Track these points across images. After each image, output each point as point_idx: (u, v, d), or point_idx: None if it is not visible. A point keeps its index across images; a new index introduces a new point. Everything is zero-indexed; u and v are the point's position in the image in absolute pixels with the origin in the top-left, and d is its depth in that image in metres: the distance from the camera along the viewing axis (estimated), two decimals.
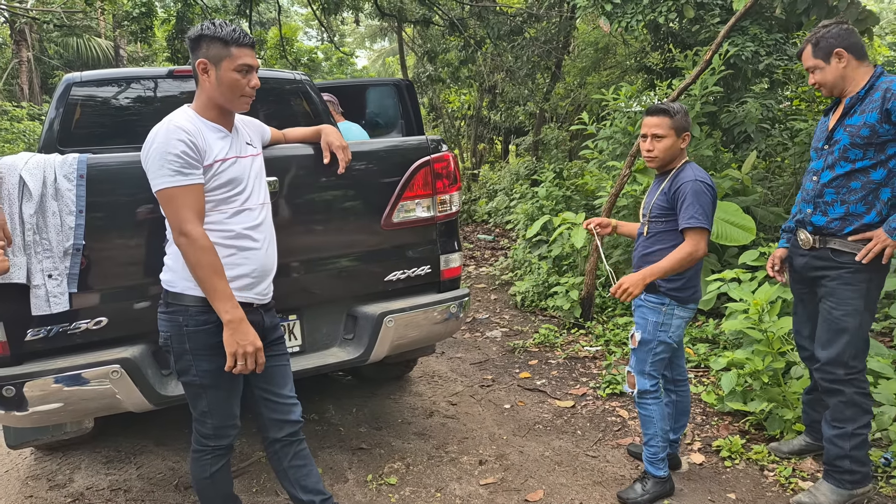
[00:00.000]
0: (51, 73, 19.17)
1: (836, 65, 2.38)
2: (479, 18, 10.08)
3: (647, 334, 2.51)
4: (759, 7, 5.28)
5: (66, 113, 2.91)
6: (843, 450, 2.42)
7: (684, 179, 2.39)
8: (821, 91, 2.47)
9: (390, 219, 2.74)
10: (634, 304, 2.58)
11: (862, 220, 2.34)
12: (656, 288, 2.46)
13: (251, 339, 1.92)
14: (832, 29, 2.40)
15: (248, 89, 1.95)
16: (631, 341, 2.59)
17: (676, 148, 2.46)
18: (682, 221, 2.36)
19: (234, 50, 1.90)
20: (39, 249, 2.12)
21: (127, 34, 11.09)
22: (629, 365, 2.62)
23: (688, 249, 2.34)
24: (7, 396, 2.13)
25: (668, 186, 2.44)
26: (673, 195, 2.41)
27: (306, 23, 26.58)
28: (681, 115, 2.44)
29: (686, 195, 2.35)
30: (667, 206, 2.45)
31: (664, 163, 2.49)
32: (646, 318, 2.52)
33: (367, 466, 2.98)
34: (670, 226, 2.45)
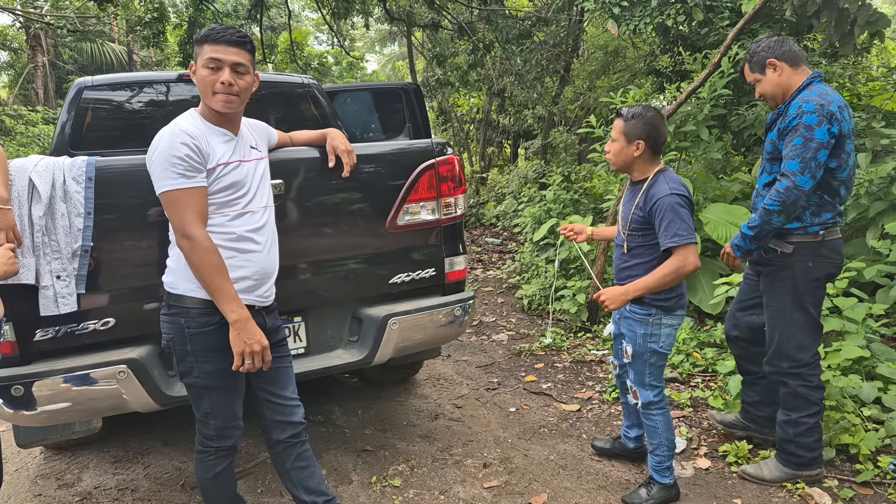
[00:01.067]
0: (65, 77, 19.42)
1: (771, 75, 2.50)
2: (487, 22, 10.09)
3: (637, 347, 2.48)
4: (768, 10, 5.25)
5: (77, 116, 2.95)
6: (788, 434, 2.59)
7: (659, 194, 2.30)
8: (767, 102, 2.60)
9: (395, 221, 2.75)
10: (620, 314, 2.56)
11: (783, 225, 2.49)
12: (641, 299, 2.41)
13: (258, 337, 1.93)
14: (762, 42, 2.53)
15: (218, 85, 1.88)
16: (625, 356, 2.57)
17: (628, 155, 2.38)
18: (664, 241, 2.28)
19: (206, 46, 1.89)
20: (48, 251, 2.15)
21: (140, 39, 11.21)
22: (629, 379, 2.60)
23: (674, 265, 2.28)
24: (16, 396, 2.15)
25: (643, 200, 2.36)
26: (649, 210, 2.33)
27: (317, 27, 26.75)
28: (635, 120, 2.34)
29: (664, 212, 2.27)
30: (643, 221, 2.38)
31: (619, 167, 2.45)
32: (633, 330, 2.48)
33: (372, 468, 2.99)
34: (648, 240, 2.39)
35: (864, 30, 4.51)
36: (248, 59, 1.95)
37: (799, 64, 2.48)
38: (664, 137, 2.38)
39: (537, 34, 9.70)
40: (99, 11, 10.76)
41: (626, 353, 2.54)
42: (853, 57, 5.53)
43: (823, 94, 2.37)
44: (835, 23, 4.55)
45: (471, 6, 10.33)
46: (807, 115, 2.34)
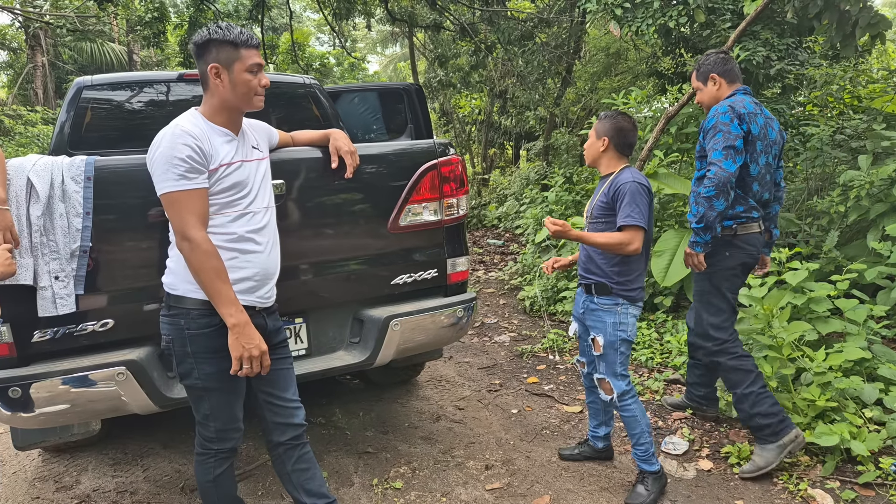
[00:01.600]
0: (65, 77, 19.41)
1: (710, 87, 2.86)
2: (489, 23, 10.09)
3: (608, 336, 2.58)
4: (770, 11, 5.24)
5: (76, 116, 2.93)
6: (747, 412, 2.78)
7: (623, 181, 2.50)
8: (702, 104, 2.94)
9: (397, 222, 2.74)
10: (584, 309, 2.67)
11: None
12: (608, 290, 2.56)
13: (256, 342, 1.92)
14: (711, 57, 2.87)
15: (259, 88, 1.98)
16: (593, 348, 2.65)
17: (595, 149, 2.60)
18: (619, 219, 2.47)
19: (244, 51, 1.93)
20: (46, 251, 2.13)
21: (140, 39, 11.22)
22: (599, 372, 2.66)
23: (621, 238, 2.46)
24: (14, 398, 2.13)
25: (608, 188, 2.54)
26: (612, 196, 2.52)
27: (318, 28, 26.77)
28: (604, 119, 2.59)
29: (625, 195, 2.46)
30: (606, 208, 2.55)
31: (589, 161, 2.66)
32: (602, 320, 2.59)
33: (373, 470, 2.97)
34: (609, 226, 2.55)
35: (865, 32, 4.50)
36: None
37: (735, 82, 2.85)
38: (631, 140, 2.59)
39: (539, 35, 9.69)
40: (99, 11, 10.75)
41: (597, 345, 2.62)
42: (854, 59, 5.52)
43: (738, 101, 2.75)
44: (836, 25, 4.54)
45: (473, 7, 10.33)
46: (721, 115, 2.71)
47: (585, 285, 2.68)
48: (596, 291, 2.61)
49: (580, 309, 2.72)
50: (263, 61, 2.01)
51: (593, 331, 2.65)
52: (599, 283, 2.60)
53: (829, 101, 5.64)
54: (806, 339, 3.25)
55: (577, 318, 2.78)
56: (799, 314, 3.36)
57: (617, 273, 2.57)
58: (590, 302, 2.64)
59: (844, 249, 4.15)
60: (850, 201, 4.02)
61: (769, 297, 3.16)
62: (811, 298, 3.32)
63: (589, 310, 2.65)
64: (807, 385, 3.07)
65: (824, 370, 2.96)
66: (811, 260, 4.10)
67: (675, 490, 2.73)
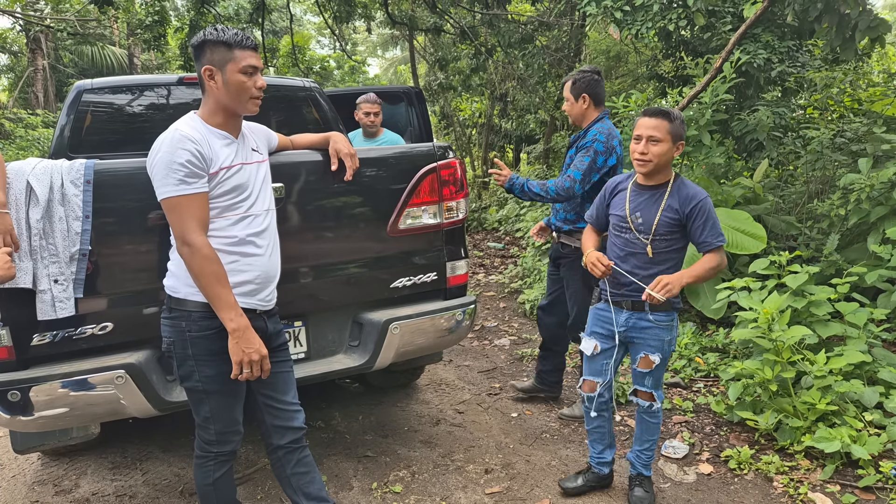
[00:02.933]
0: (66, 80, 19.45)
1: (580, 104, 3.18)
2: (490, 27, 10.11)
3: (664, 353, 2.48)
4: (770, 14, 5.25)
5: (76, 119, 2.93)
6: None
7: (698, 196, 2.34)
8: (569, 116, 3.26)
9: (396, 225, 2.73)
10: (627, 327, 2.49)
11: (575, 225, 3.24)
12: (670, 306, 2.43)
13: (256, 346, 1.92)
14: (587, 76, 3.18)
15: (255, 90, 1.94)
16: (639, 365, 2.51)
17: (670, 155, 2.37)
18: (712, 240, 2.34)
19: (238, 52, 1.90)
20: (46, 254, 2.13)
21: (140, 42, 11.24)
22: (645, 387, 2.54)
23: (717, 260, 2.36)
24: (13, 401, 2.13)
25: (677, 203, 2.36)
26: (688, 212, 2.34)
27: (318, 31, 26.81)
28: (679, 121, 2.36)
29: (707, 212, 2.34)
30: (676, 224, 2.37)
31: (657, 169, 2.38)
32: (660, 338, 2.46)
33: (373, 474, 2.97)
34: (675, 243, 2.41)
35: (865, 35, 4.51)
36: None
37: (601, 104, 3.22)
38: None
39: (539, 38, 9.71)
40: (100, 14, 10.78)
41: (649, 364, 2.48)
42: (854, 62, 5.52)
43: (612, 130, 3.13)
44: (836, 28, 4.55)
45: (473, 11, 10.35)
46: (598, 143, 3.08)
47: (634, 303, 2.46)
48: (652, 308, 2.42)
49: (621, 327, 2.49)
50: (261, 63, 1.97)
51: (645, 349, 2.48)
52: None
53: (829, 105, 5.65)
54: (806, 343, 3.25)
55: (605, 336, 2.55)
56: (799, 318, 3.36)
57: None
58: (640, 319, 2.46)
59: (845, 253, 4.15)
60: (851, 204, 4.02)
61: (769, 301, 3.15)
62: (811, 302, 3.32)
63: (637, 328, 2.47)
64: (807, 388, 3.06)
65: (825, 374, 2.96)
66: (811, 263, 4.10)
67: (675, 494, 2.73)
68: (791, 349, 3.07)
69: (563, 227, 3.31)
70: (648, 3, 5.10)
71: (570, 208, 3.29)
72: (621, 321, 2.50)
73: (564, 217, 3.31)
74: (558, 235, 3.37)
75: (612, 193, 2.58)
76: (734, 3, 5.51)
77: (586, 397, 2.65)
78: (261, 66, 1.97)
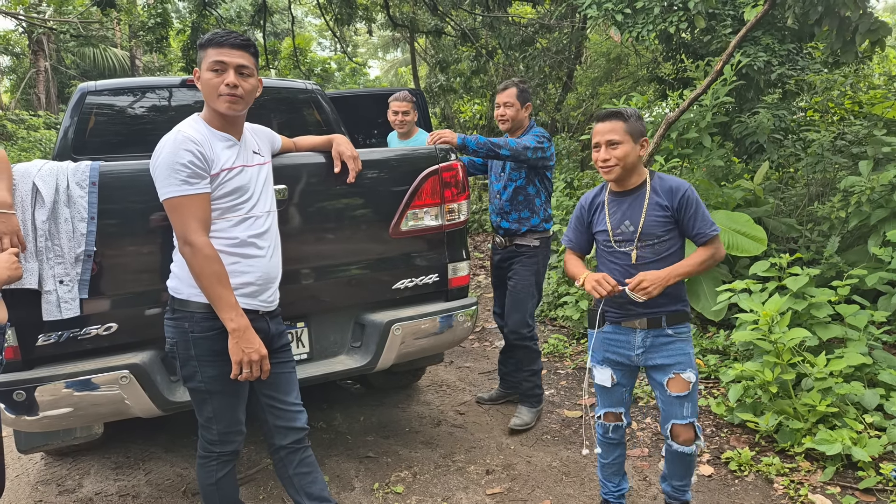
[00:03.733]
0: (67, 82, 19.49)
1: (524, 112, 3.33)
2: (490, 29, 10.13)
3: (696, 367, 2.20)
4: (771, 17, 5.27)
5: (80, 121, 2.95)
6: (533, 382, 3.43)
7: (682, 186, 2.16)
8: (505, 121, 3.32)
9: (398, 227, 2.75)
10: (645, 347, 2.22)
11: (530, 223, 3.34)
12: (686, 316, 2.21)
13: (256, 346, 1.93)
14: (529, 87, 3.39)
15: (223, 87, 1.88)
16: (674, 389, 2.18)
17: (635, 155, 2.17)
18: (706, 230, 2.14)
19: (210, 50, 1.90)
20: (51, 255, 2.15)
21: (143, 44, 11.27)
22: (684, 418, 2.21)
23: (708, 255, 2.16)
24: (18, 401, 2.15)
25: (662, 198, 2.16)
26: (677, 205, 2.15)
27: (320, 33, 26.85)
28: (634, 118, 2.18)
29: (695, 201, 2.15)
30: (669, 222, 2.17)
31: (626, 173, 2.18)
32: (685, 352, 2.19)
33: (374, 475, 2.98)
34: (672, 243, 2.19)
35: (866, 38, 4.52)
36: (251, 62, 1.96)
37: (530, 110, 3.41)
38: None
39: (540, 41, 9.73)
40: (102, 17, 10.81)
41: (685, 384, 2.18)
42: (855, 65, 5.54)
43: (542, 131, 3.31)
44: (836, 31, 4.56)
45: (474, 13, 10.37)
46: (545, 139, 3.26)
47: (649, 320, 2.21)
48: (669, 322, 2.19)
49: (637, 349, 2.23)
50: (238, 61, 1.90)
51: (674, 369, 2.18)
52: (674, 312, 2.20)
53: (830, 107, 5.66)
54: (807, 345, 3.26)
55: (619, 363, 2.30)
56: (800, 320, 3.37)
57: (683, 293, 2.24)
58: (659, 336, 2.20)
59: (845, 255, 4.16)
60: (851, 207, 4.03)
61: (769, 303, 3.16)
62: (812, 304, 3.33)
63: (658, 346, 2.21)
64: (807, 390, 3.07)
65: (825, 376, 2.96)
66: (812, 265, 4.11)
67: None
68: (791, 351, 3.08)
69: (519, 228, 3.34)
70: (649, 6, 5.12)
71: (522, 205, 3.33)
72: (637, 342, 2.23)
73: (518, 217, 3.34)
74: (509, 240, 3.40)
75: (590, 211, 2.34)
76: (734, 6, 5.53)
77: (611, 427, 2.38)
78: (234, 63, 1.90)
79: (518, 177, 3.32)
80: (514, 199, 3.34)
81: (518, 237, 3.37)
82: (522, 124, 3.35)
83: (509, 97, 3.30)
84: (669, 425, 2.24)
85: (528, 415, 3.41)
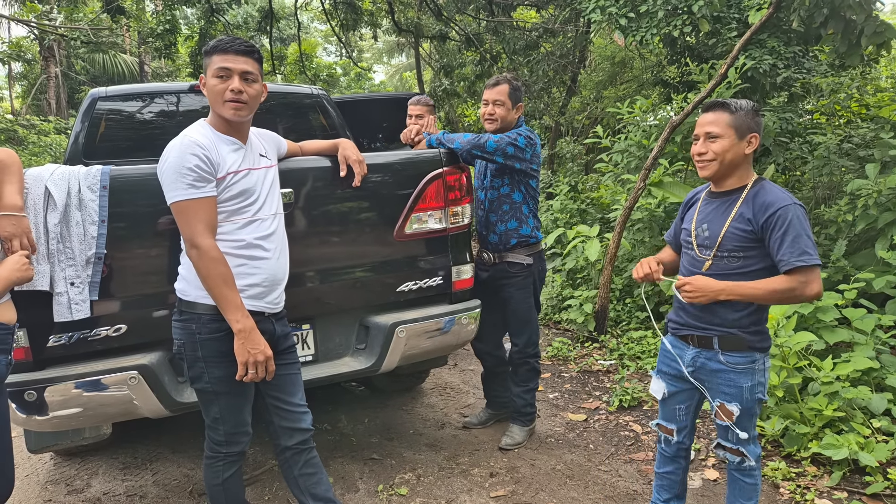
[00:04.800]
0: (77, 88, 19.68)
1: (514, 113, 3.06)
2: (494, 34, 10.17)
3: (745, 403, 2.03)
4: (776, 20, 5.27)
5: (91, 126, 2.99)
6: (527, 400, 3.29)
7: (777, 203, 1.89)
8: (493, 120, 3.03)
9: (403, 230, 2.77)
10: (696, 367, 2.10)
11: (519, 233, 3.10)
12: (744, 345, 2.00)
13: (261, 347, 1.95)
14: (522, 86, 3.14)
15: (228, 93, 1.92)
16: (720, 417, 2.09)
17: (739, 153, 1.97)
18: (791, 258, 1.86)
19: (215, 57, 1.94)
20: (63, 258, 2.18)
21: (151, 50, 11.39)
22: (730, 442, 2.11)
23: (791, 284, 1.87)
24: (29, 401, 2.18)
25: (750, 211, 1.94)
26: (763, 223, 1.90)
27: (325, 39, 27.02)
28: (744, 112, 1.96)
29: (788, 222, 1.86)
30: (749, 238, 1.94)
31: (723, 171, 1.99)
32: (737, 384, 2.03)
33: (378, 476, 2.99)
34: (750, 262, 1.96)
35: (871, 41, 4.51)
36: (256, 68, 1.99)
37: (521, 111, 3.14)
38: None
39: (544, 45, 9.75)
40: (112, 23, 10.93)
41: (729, 415, 2.06)
42: (861, 67, 5.52)
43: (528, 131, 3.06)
44: (841, 34, 4.55)
45: (478, 18, 10.41)
46: (521, 138, 2.98)
47: (700, 338, 2.07)
48: (721, 347, 2.02)
49: (688, 365, 2.11)
50: (243, 67, 1.94)
51: (720, 397, 2.06)
52: (728, 337, 2.01)
53: (836, 110, 5.65)
54: (813, 349, 3.25)
55: (674, 377, 2.19)
56: (806, 323, 3.36)
57: (752, 321, 2.00)
58: (711, 361, 2.05)
59: (852, 258, 4.15)
60: (858, 210, 4.02)
61: (775, 307, 3.16)
62: (818, 308, 3.32)
63: (709, 370, 2.06)
64: (814, 395, 3.06)
65: (832, 380, 2.96)
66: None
67: None
68: (798, 355, 3.08)
69: (508, 241, 3.07)
70: (653, 10, 5.12)
71: (508, 215, 3.07)
72: (687, 359, 2.11)
73: (505, 228, 3.08)
74: (498, 256, 3.12)
75: (686, 206, 2.21)
76: (739, 10, 5.53)
77: (663, 438, 2.31)
78: (239, 69, 1.93)
79: (501, 183, 3.06)
80: (498, 209, 3.08)
81: (508, 253, 3.10)
82: (511, 126, 3.06)
83: (500, 94, 2.99)
84: (716, 442, 2.18)
85: (521, 434, 3.28)
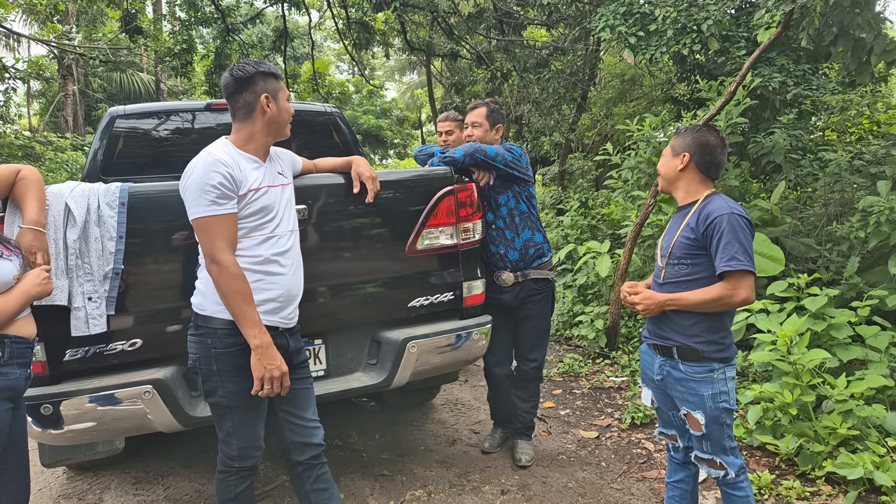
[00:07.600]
0: (94, 105, 20.04)
1: (493, 134, 3.15)
2: (505, 52, 10.26)
3: (709, 411, 2.08)
4: (785, 38, 5.29)
5: (109, 144, 3.07)
6: (534, 414, 3.33)
7: (717, 211, 2.03)
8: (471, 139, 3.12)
9: (414, 246, 2.79)
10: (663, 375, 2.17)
11: (534, 241, 3.15)
12: (700, 355, 2.07)
13: (277, 363, 1.97)
14: (501, 110, 3.24)
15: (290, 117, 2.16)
16: (688, 425, 2.15)
17: (671, 169, 2.18)
18: (720, 263, 1.98)
19: (282, 83, 2.12)
20: (81, 273, 2.22)
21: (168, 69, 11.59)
22: (705, 452, 2.14)
23: (720, 292, 1.99)
24: (45, 415, 2.21)
25: (695, 220, 2.07)
26: (704, 231, 2.03)
27: (338, 57, 27.38)
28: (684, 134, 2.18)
29: (723, 231, 1.99)
30: (694, 245, 2.07)
31: (664, 185, 2.24)
32: (697, 393, 2.08)
33: (389, 493, 2.98)
34: (697, 270, 2.07)
35: (881, 59, 4.52)
36: None
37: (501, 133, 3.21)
38: (718, 159, 2.14)
39: (554, 63, 9.83)
40: (130, 43, 11.15)
41: (695, 424, 2.11)
42: (871, 84, 5.52)
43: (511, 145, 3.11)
44: (851, 52, 4.57)
45: (489, 37, 10.52)
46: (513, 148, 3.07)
47: (661, 347, 2.17)
48: (680, 357, 2.10)
49: (657, 374, 2.19)
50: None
51: (685, 405, 2.12)
52: (685, 347, 2.09)
53: (847, 127, 5.64)
54: (827, 367, 3.22)
55: (653, 385, 2.26)
56: (819, 341, 3.33)
57: (706, 331, 2.06)
58: (672, 369, 2.13)
59: (865, 275, 4.11)
60: (871, 227, 3.99)
61: (788, 323, 3.14)
62: (831, 325, 3.29)
63: (672, 378, 2.14)
64: (828, 413, 3.03)
65: (846, 398, 2.93)
66: (831, 286, 4.07)
67: None
68: (811, 372, 3.05)
69: (528, 252, 3.09)
70: (662, 29, 5.17)
71: (521, 227, 3.09)
72: (655, 368, 2.20)
73: (523, 241, 3.10)
74: (522, 274, 3.10)
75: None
76: (748, 28, 5.57)
77: (670, 446, 2.33)
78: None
79: (507, 199, 3.10)
80: (511, 224, 3.09)
81: (533, 269, 3.11)
82: (494, 143, 3.11)
83: (477, 117, 3.11)
84: (693, 454, 2.21)
85: (531, 448, 3.30)
